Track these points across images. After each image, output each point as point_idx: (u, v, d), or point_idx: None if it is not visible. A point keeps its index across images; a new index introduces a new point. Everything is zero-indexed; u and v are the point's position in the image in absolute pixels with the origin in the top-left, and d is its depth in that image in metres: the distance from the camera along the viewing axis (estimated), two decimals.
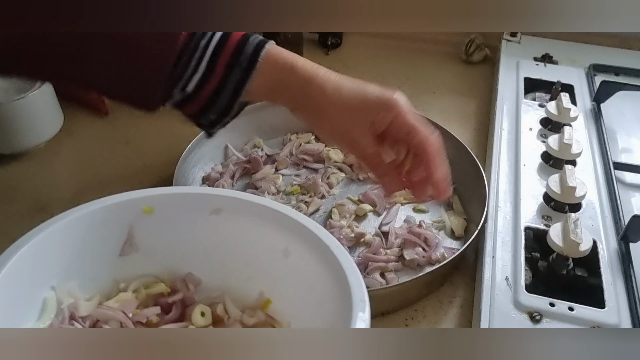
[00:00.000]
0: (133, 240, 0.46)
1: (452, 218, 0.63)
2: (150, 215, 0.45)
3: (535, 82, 0.82)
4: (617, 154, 0.71)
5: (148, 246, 0.46)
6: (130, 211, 0.45)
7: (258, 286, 0.46)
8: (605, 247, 0.55)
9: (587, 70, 0.86)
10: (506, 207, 0.60)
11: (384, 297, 0.53)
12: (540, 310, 0.48)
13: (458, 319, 0.54)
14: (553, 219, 0.58)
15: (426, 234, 0.60)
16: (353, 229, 0.61)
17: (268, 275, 0.46)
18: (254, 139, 0.74)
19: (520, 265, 0.52)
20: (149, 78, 0.46)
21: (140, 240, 0.46)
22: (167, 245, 0.46)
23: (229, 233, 0.46)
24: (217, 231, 0.46)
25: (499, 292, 0.50)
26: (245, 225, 0.46)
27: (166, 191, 0.46)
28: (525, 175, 0.64)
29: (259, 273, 0.46)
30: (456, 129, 0.76)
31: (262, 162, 0.70)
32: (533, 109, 0.76)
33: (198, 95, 0.48)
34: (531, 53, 0.90)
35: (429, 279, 0.54)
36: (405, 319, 0.54)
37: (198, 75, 0.47)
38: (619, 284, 0.51)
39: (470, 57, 0.96)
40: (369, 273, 0.56)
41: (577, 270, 0.53)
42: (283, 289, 0.45)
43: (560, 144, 0.65)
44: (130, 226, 0.45)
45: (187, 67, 0.46)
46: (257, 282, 0.46)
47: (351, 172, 0.70)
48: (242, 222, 0.46)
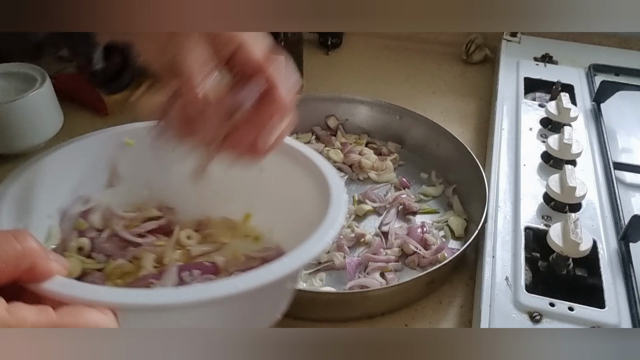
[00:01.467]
0: (117, 171, 0.47)
1: (452, 218, 0.63)
2: (132, 148, 0.47)
3: (535, 82, 0.82)
4: (617, 154, 0.71)
5: (131, 177, 0.48)
6: (113, 144, 0.47)
7: (239, 205, 0.48)
8: (605, 247, 0.55)
9: (587, 70, 0.86)
10: (506, 207, 0.60)
11: (384, 297, 0.53)
12: (540, 310, 0.48)
13: (458, 319, 0.54)
14: (553, 219, 0.58)
15: (426, 234, 0.60)
16: (353, 229, 0.61)
17: (247, 193, 0.48)
18: None
19: (520, 265, 0.52)
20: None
21: (123, 171, 0.48)
22: (149, 175, 0.48)
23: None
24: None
25: (499, 292, 0.50)
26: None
27: (146, 124, 0.47)
28: (525, 175, 0.64)
29: (238, 193, 0.48)
30: (456, 129, 0.76)
31: None
32: (533, 109, 0.76)
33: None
34: (531, 53, 0.90)
35: (429, 279, 0.54)
36: (405, 319, 0.54)
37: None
38: (619, 284, 0.51)
39: (470, 57, 0.96)
40: (369, 273, 0.56)
41: (577, 270, 0.53)
42: (262, 202, 0.48)
43: (560, 144, 0.65)
44: (113, 158, 0.47)
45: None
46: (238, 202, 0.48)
47: (351, 172, 0.70)
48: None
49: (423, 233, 0.60)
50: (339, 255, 0.58)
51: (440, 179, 0.69)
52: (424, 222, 0.62)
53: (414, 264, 0.58)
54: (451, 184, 0.68)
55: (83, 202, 0.46)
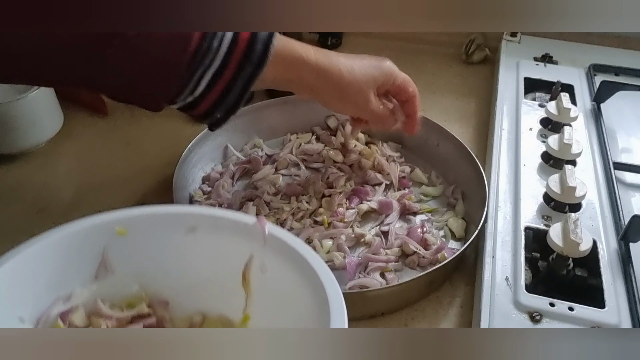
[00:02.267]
0: (108, 262, 0.44)
1: (452, 218, 0.63)
2: (124, 237, 0.44)
3: (535, 82, 0.82)
4: (617, 154, 0.71)
5: (123, 268, 0.45)
6: (103, 234, 0.44)
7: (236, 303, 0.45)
8: (605, 247, 0.55)
9: (587, 70, 0.86)
10: (506, 207, 0.60)
11: (384, 297, 0.53)
12: (540, 310, 0.48)
13: (458, 319, 0.54)
14: (553, 219, 0.58)
15: (426, 234, 0.60)
16: (353, 229, 0.61)
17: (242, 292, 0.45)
18: (254, 139, 0.74)
19: (520, 265, 0.52)
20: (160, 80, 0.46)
21: (115, 262, 0.45)
22: (143, 266, 0.45)
23: (204, 251, 0.45)
24: (193, 249, 0.45)
25: (499, 292, 0.50)
26: (222, 242, 0.45)
27: (139, 212, 0.45)
28: (525, 175, 0.64)
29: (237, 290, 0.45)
30: (456, 129, 0.76)
31: (262, 162, 0.70)
32: (533, 109, 0.76)
33: (208, 95, 0.48)
34: (531, 53, 0.90)
35: (429, 279, 0.54)
36: (405, 319, 0.54)
37: (209, 74, 0.47)
38: (619, 284, 0.51)
39: (470, 58, 0.96)
40: (369, 273, 0.56)
41: (577, 270, 0.53)
42: (261, 304, 0.45)
43: (560, 144, 0.65)
44: (104, 249, 0.44)
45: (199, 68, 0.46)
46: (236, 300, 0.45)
47: (351, 172, 0.70)
48: (217, 239, 0.45)
49: (423, 233, 0.60)
50: (339, 255, 0.58)
51: (440, 179, 0.69)
52: (424, 222, 0.62)
53: (414, 264, 0.58)
54: (451, 184, 0.68)
55: (64, 300, 0.43)
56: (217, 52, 0.47)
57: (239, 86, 0.49)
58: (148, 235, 0.45)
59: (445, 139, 0.70)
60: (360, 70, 0.57)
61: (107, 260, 0.44)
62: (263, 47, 0.49)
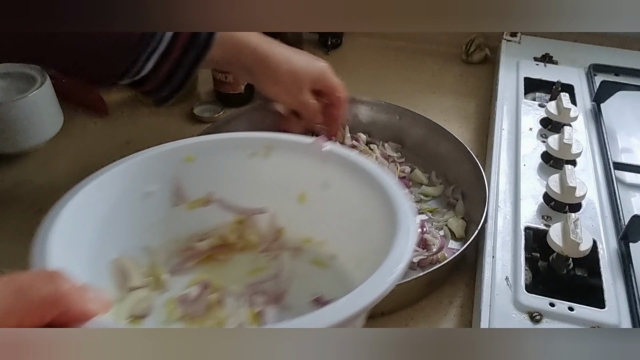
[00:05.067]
0: (181, 190, 0.46)
1: (452, 218, 0.63)
2: (192, 163, 0.46)
3: (535, 82, 0.82)
4: (617, 154, 0.71)
5: (195, 194, 0.47)
6: (172, 161, 0.46)
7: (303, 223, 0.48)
8: (605, 247, 0.55)
9: (587, 70, 0.86)
10: (506, 207, 0.60)
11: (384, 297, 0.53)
12: (540, 310, 0.48)
13: (458, 319, 0.54)
14: (553, 219, 0.58)
15: (426, 234, 0.60)
16: None
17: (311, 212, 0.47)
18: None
19: (520, 265, 0.52)
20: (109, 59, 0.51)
21: (187, 189, 0.47)
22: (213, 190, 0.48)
23: (269, 172, 0.48)
24: (257, 172, 0.48)
25: (499, 292, 0.50)
26: (283, 163, 0.47)
27: (204, 139, 0.47)
28: (525, 175, 0.64)
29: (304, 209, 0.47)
30: (456, 129, 0.76)
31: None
32: (533, 109, 0.76)
33: (154, 75, 0.53)
34: (531, 53, 0.90)
35: (429, 279, 0.54)
36: (405, 319, 0.54)
37: (156, 56, 0.51)
38: (619, 284, 0.51)
39: (470, 57, 0.96)
40: None
41: (577, 270, 0.53)
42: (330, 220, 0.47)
43: (560, 144, 0.65)
44: (175, 177, 0.46)
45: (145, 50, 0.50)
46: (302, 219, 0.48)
47: None
48: (280, 160, 0.47)
49: (423, 233, 0.60)
50: None
51: (440, 179, 0.69)
52: (424, 222, 0.62)
53: (414, 264, 0.58)
54: (451, 184, 0.68)
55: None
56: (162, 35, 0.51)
57: (184, 69, 0.54)
58: (214, 160, 0.47)
59: (445, 139, 0.69)
60: (297, 62, 0.61)
61: (181, 188, 0.46)
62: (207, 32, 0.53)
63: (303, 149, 0.46)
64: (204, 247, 0.47)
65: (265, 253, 0.48)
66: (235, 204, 0.49)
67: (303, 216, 0.48)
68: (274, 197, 0.48)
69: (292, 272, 0.46)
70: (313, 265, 0.47)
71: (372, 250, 0.40)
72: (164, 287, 0.44)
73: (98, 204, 0.41)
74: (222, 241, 0.48)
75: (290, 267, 0.46)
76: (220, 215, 0.48)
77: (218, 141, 0.47)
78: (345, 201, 0.45)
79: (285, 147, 0.47)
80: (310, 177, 0.47)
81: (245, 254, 0.48)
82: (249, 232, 0.49)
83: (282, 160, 0.47)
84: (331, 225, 0.46)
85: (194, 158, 0.46)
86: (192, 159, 0.46)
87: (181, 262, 0.46)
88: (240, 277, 0.46)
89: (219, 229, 0.48)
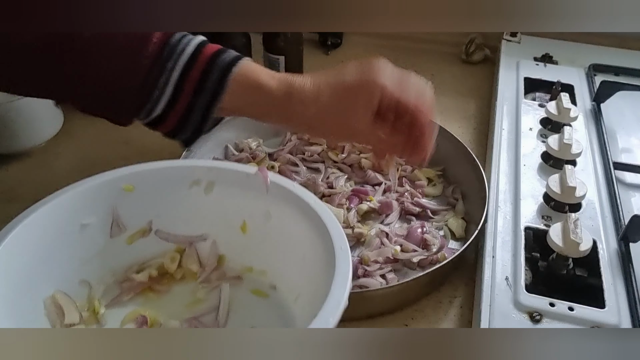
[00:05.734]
0: (120, 220, 0.46)
1: (452, 218, 0.63)
2: (131, 193, 0.46)
3: (535, 82, 0.82)
4: (617, 154, 0.71)
5: (135, 224, 0.47)
6: (110, 192, 0.45)
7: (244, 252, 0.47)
8: (605, 247, 0.55)
9: (587, 70, 0.86)
10: (506, 207, 0.60)
11: (384, 297, 0.53)
12: (540, 310, 0.48)
13: (458, 319, 0.54)
14: (553, 219, 0.58)
15: (426, 234, 0.60)
16: (353, 229, 0.61)
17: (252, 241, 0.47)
18: (254, 138, 0.74)
19: (520, 265, 0.52)
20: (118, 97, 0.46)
21: (126, 218, 0.46)
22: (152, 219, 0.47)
23: (210, 202, 0.47)
24: (198, 201, 0.47)
25: (499, 292, 0.50)
26: (225, 194, 0.47)
27: (144, 167, 0.46)
28: (525, 175, 0.64)
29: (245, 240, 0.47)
30: (456, 129, 0.76)
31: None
32: (533, 109, 0.76)
33: (167, 117, 0.47)
34: (531, 53, 0.90)
35: (429, 279, 0.54)
36: (405, 319, 0.54)
37: (164, 100, 0.46)
38: (619, 284, 0.51)
39: (470, 57, 0.96)
40: (369, 273, 0.56)
41: (577, 270, 0.53)
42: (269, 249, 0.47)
43: (560, 144, 0.65)
44: (114, 207, 0.45)
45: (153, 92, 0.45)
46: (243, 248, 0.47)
47: (351, 172, 0.70)
48: (221, 191, 0.47)
49: (423, 233, 0.60)
50: None
51: (440, 179, 0.69)
52: (424, 223, 0.62)
53: (414, 264, 0.58)
54: (451, 184, 0.68)
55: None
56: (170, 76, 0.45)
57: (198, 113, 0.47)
58: (154, 189, 0.47)
59: (445, 139, 0.69)
60: (329, 93, 0.46)
61: (119, 218, 0.46)
62: (221, 74, 0.46)
63: (245, 179, 0.46)
64: (142, 279, 0.47)
65: (204, 284, 0.48)
66: (175, 232, 0.48)
67: (244, 245, 0.47)
68: (216, 226, 0.48)
69: (232, 302, 0.46)
70: (253, 295, 0.47)
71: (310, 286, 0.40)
72: (100, 322, 0.44)
73: (34, 240, 0.41)
74: (161, 271, 0.48)
75: (230, 297, 0.46)
76: (159, 244, 0.48)
77: (158, 170, 0.46)
78: (285, 233, 0.45)
79: (227, 178, 0.46)
80: (253, 207, 0.46)
81: (184, 284, 0.48)
82: (189, 260, 0.48)
83: (224, 190, 0.47)
84: (272, 255, 0.46)
85: (133, 188, 0.46)
86: (131, 189, 0.45)
87: (119, 295, 0.46)
88: (178, 311, 0.46)
89: (159, 258, 0.48)
